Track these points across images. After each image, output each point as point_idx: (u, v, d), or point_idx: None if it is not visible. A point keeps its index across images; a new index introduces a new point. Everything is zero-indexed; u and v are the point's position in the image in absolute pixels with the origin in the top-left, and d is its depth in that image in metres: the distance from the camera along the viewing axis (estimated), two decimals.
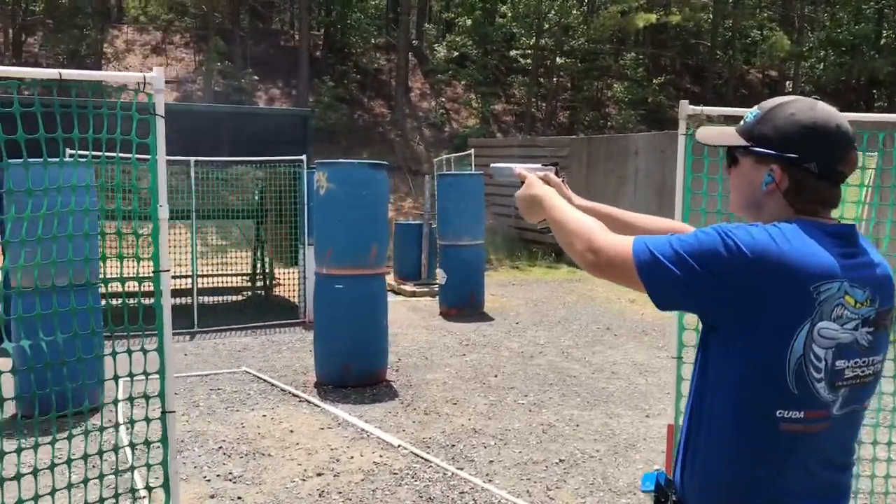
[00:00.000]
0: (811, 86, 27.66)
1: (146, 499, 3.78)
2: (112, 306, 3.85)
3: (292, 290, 10.10)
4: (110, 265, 5.13)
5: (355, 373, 6.41)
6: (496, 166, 2.01)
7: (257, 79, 22.96)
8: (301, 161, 9.13)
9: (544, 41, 24.68)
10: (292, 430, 5.39)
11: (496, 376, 6.89)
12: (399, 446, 5.08)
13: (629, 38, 28.43)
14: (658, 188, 12.65)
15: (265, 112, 16.49)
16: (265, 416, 5.70)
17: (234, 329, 8.83)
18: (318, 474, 4.62)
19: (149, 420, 3.22)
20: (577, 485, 4.52)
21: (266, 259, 11.46)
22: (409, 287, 11.47)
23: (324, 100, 21.84)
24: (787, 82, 28.83)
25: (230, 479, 4.52)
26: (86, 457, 3.07)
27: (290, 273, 10.38)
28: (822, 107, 1.50)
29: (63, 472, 3.27)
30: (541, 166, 1.97)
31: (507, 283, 12.77)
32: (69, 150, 4.74)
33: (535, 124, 24.95)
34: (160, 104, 2.89)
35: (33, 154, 2.75)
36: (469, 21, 25.47)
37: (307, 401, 6.07)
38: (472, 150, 14.49)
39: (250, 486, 4.43)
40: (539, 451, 5.05)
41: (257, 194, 11.21)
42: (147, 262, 3.06)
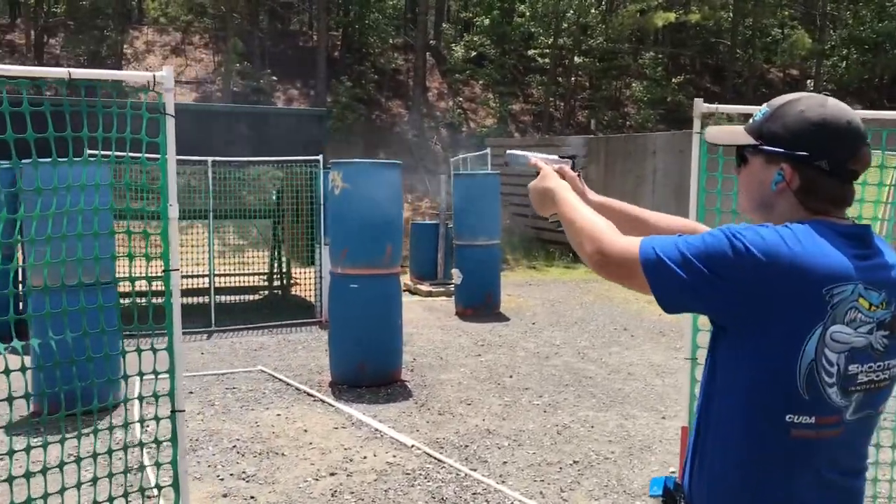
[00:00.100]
0: (833, 84, 27.35)
1: (157, 497, 3.79)
2: (128, 304, 3.87)
3: (309, 289, 10.14)
4: (123, 264, 5.18)
5: (370, 372, 6.41)
6: (512, 153, 2.00)
7: (276, 79, 23.07)
8: (317, 161, 9.16)
9: (562, 40, 24.59)
10: (306, 430, 5.39)
11: (511, 377, 6.86)
12: (412, 446, 5.07)
13: (648, 38, 28.24)
14: (676, 188, 12.56)
15: (280, 112, 16.57)
16: (279, 415, 5.71)
17: (250, 328, 8.87)
18: (332, 474, 4.62)
19: (159, 419, 3.23)
20: (592, 486, 4.48)
21: (283, 259, 11.50)
22: (426, 287, 11.46)
23: (341, 100, 21.90)
24: (809, 81, 28.50)
25: (243, 479, 4.53)
26: (99, 454, 3.08)
27: (307, 272, 10.41)
28: (832, 103, 1.46)
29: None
30: (557, 157, 1.94)
31: (523, 283, 12.73)
32: (89, 151, 4.78)
33: (553, 124, 24.86)
34: (170, 103, 2.89)
35: (47, 154, 2.76)
36: (487, 21, 25.45)
37: (322, 400, 6.08)
38: (489, 150, 14.44)
39: (263, 486, 4.43)
40: (553, 453, 5.01)
41: (275, 194, 11.26)
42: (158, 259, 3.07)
